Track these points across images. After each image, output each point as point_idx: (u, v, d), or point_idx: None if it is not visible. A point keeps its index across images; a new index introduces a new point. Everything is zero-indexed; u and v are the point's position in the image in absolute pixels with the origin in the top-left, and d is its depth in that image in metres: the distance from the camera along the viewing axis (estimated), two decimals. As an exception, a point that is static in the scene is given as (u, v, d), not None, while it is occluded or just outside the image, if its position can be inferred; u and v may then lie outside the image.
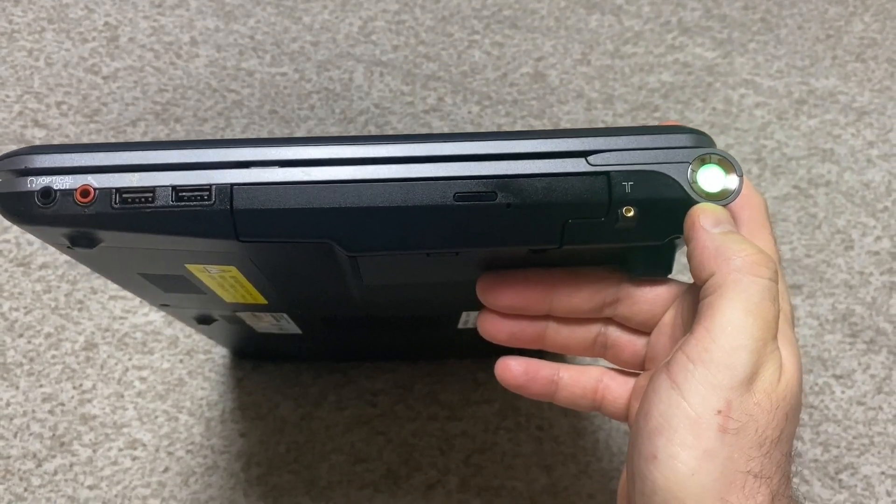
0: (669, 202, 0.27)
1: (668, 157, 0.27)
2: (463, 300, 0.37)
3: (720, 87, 0.68)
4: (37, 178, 0.25)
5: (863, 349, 0.54)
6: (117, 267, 0.32)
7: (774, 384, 0.26)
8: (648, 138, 0.27)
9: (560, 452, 0.50)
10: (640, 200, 0.26)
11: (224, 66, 0.66)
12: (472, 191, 0.26)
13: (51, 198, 0.25)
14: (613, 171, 0.27)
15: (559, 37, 0.71)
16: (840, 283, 0.57)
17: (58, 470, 0.48)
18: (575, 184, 0.27)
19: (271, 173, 0.26)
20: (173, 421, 0.50)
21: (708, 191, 0.27)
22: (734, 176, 0.27)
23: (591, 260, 0.32)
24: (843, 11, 0.73)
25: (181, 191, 0.26)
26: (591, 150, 0.27)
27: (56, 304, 0.53)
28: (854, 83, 0.68)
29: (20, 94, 0.63)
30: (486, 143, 0.27)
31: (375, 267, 0.30)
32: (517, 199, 0.26)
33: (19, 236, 0.56)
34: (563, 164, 0.27)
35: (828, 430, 0.51)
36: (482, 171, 0.27)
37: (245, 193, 0.26)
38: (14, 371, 0.51)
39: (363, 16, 0.71)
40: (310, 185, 0.26)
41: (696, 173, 0.27)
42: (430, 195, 0.26)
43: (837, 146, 0.64)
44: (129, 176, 0.26)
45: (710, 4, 0.74)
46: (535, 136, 0.27)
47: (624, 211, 0.26)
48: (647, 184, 0.26)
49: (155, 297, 0.37)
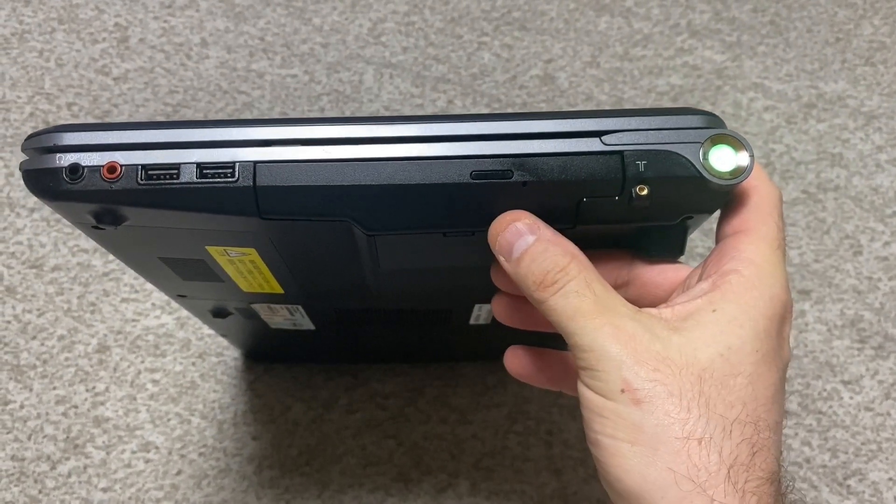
0: (682, 181, 0.27)
1: (681, 137, 0.27)
2: (476, 290, 0.37)
3: (729, 90, 0.68)
4: (65, 155, 0.26)
5: (871, 355, 0.54)
6: (139, 250, 0.32)
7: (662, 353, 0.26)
8: (661, 119, 0.28)
9: (570, 456, 0.50)
10: (653, 179, 0.27)
11: (234, 67, 0.67)
12: (489, 169, 0.27)
13: (78, 174, 0.26)
14: (627, 151, 0.27)
15: (568, 39, 0.71)
16: (848, 289, 0.57)
17: (72, 472, 0.48)
18: (589, 162, 0.27)
19: (293, 151, 0.27)
20: (186, 423, 0.50)
21: (720, 170, 0.27)
22: (745, 153, 0.27)
23: (605, 244, 0.32)
24: (852, 15, 0.73)
25: (205, 167, 0.26)
26: (605, 130, 0.27)
27: (69, 307, 0.54)
28: (863, 87, 0.68)
29: (31, 95, 0.63)
30: (503, 122, 0.27)
31: (392, 249, 0.30)
32: (533, 177, 0.27)
33: (31, 238, 0.56)
34: (578, 143, 0.27)
35: (836, 435, 0.51)
36: (499, 150, 0.27)
37: (268, 170, 0.27)
38: (28, 373, 0.51)
39: (373, 17, 0.71)
40: (330, 163, 0.27)
41: (707, 153, 0.27)
42: (448, 173, 0.27)
43: (846, 151, 0.64)
44: (154, 153, 0.27)
45: (719, 7, 0.74)
46: (551, 117, 0.28)
47: (638, 189, 0.27)
48: (661, 163, 0.27)
49: (173, 286, 0.37)
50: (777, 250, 0.29)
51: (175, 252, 0.32)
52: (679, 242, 0.31)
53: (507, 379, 0.52)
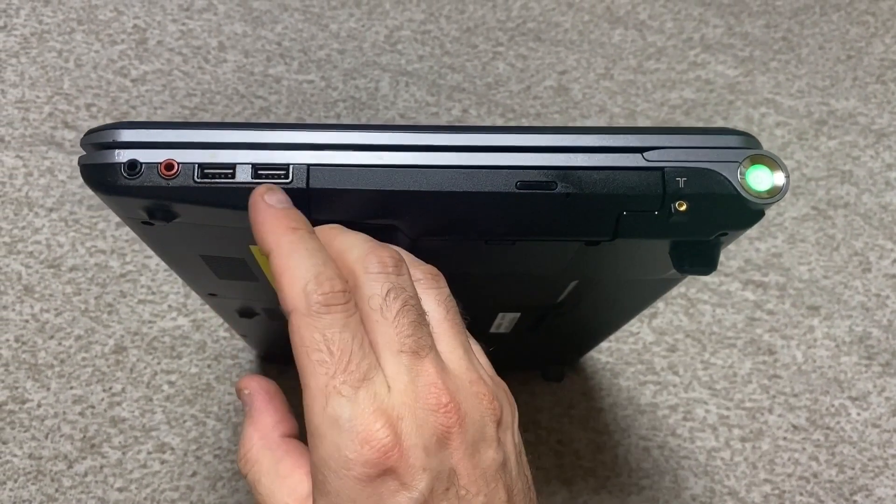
0: (720, 198, 0.28)
1: (720, 156, 0.28)
2: (504, 298, 0.37)
3: (741, 105, 0.68)
4: (123, 151, 0.27)
5: (878, 371, 0.55)
6: (181, 246, 0.33)
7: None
8: (701, 138, 0.29)
9: (580, 466, 0.51)
10: (692, 195, 0.28)
11: (252, 71, 0.67)
12: (534, 180, 0.28)
13: (136, 170, 0.27)
14: (668, 167, 0.28)
15: (582, 51, 0.71)
16: (857, 306, 0.58)
17: (88, 471, 0.49)
18: (631, 177, 0.28)
19: (346, 156, 0.28)
20: (201, 426, 0.51)
21: (757, 189, 0.28)
22: (781, 173, 0.28)
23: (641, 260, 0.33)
24: (864, 32, 0.74)
25: (260, 168, 0.27)
26: (647, 146, 0.28)
27: (86, 307, 0.54)
28: (874, 105, 0.69)
29: (50, 95, 0.64)
30: (548, 136, 0.28)
31: (433, 255, 0.31)
32: (576, 189, 0.28)
33: (50, 238, 0.56)
34: (621, 158, 0.28)
35: (843, 451, 0.52)
36: (544, 162, 0.28)
37: (321, 173, 0.27)
38: (45, 372, 0.52)
39: (389, 25, 0.72)
40: (381, 169, 0.28)
41: (746, 172, 0.28)
42: (494, 182, 0.28)
43: (856, 168, 0.65)
44: (210, 152, 0.27)
45: (732, 22, 0.74)
46: (594, 132, 0.29)
47: (677, 205, 0.28)
48: (700, 180, 0.28)
49: (206, 284, 0.38)
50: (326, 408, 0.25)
51: (218, 250, 0.33)
52: (712, 258, 0.32)
53: (518, 388, 0.53)
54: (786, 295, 0.58)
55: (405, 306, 0.26)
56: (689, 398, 0.54)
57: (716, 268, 0.32)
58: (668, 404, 0.53)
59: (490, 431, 0.26)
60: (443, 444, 0.25)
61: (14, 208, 0.58)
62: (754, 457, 0.52)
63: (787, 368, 0.55)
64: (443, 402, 0.25)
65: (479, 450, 0.26)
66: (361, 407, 0.24)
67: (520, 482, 0.27)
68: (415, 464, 0.24)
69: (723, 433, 0.53)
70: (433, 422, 0.25)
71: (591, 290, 0.39)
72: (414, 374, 0.25)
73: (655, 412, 0.53)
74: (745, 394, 0.54)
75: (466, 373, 0.27)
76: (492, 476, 0.26)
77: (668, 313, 0.57)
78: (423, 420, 0.25)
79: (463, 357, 0.27)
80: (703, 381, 0.54)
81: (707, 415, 0.53)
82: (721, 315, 0.57)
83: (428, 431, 0.25)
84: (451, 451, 0.25)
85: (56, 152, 0.60)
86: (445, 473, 0.25)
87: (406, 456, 0.24)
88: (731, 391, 0.54)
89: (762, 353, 0.55)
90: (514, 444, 0.28)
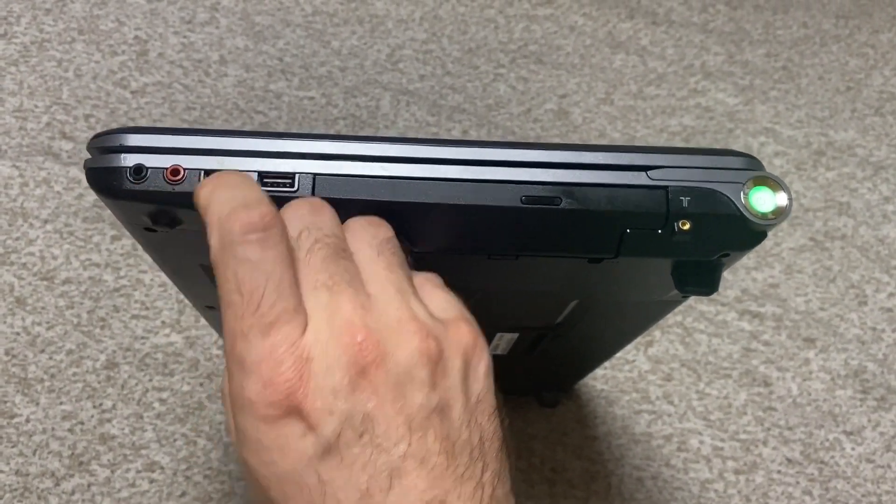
0: (723, 218, 0.28)
1: (723, 177, 0.28)
2: (503, 317, 0.37)
3: (741, 133, 0.68)
4: (129, 156, 0.27)
5: (873, 406, 0.55)
6: (182, 255, 0.33)
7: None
8: (704, 158, 0.29)
9: (573, 496, 0.50)
10: (695, 215, 0.28)
11: (252, 86, 0.67)
12: (539, 195, 0.28)
13: (142, 174, 0.27)
14: (672, 186, 0.28)
15: (583, 75, 0.72)
16: (853, 339, 0.58)
17: (76, 489, 0.48)
18: (636, 195, 0.28)
19: (351, 166, 0.28)
20: (192, 445, 0.50)
21: (760, 210, 0.28)
22: (783, 194, 0.28)
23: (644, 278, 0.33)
24: (863, 64, 0.75)
25: (266, 176, 0.27)
26: (651, 165, 0.29)
27: (78, 321, 0.54)
28: (872, 137, 0.69)
29: (49, 105, 0.63)
30: (554, 152, 0.29)
31: (436, 269, 0.31)
32: (581, 205, 0.28)
33: (44, 250, 0.56)
34: (625, 176, 0.28)
35: (837, 486, 0.51)
36: (549, 178, 0.28)
37: (326, 183, 0.28)
38: (35, 387, 0.51)
39: (391, 43, 0.71)
40: (386, 180, 0.28)
41: (749, 193, 0.28)
42: (499, 196, 0.28)
43: (854, 200, 0.65)
44: (216, 159, 0.27)
45: (732, 50, 0.75)
46: (599, 149, 0.29)
47: (680, 224, 0.28)
48: (703, 200, 0.28)
49: (204, 295, 0.38)
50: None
51: None
52: (713, 278, 0.32)
53: (512, 414, 0.52)
54: (782, 326, 0.58)
55: (317, 243, 0.25)
56: (683, 428, 0.53)
57: (717, 289, 0.32)
58: (662, 434, 0.53)
59: (420, 374, 0.24)
60: (356, 385, 0.23)
61: (8, 219, 0.57)
62: (748, 490, 0.51)
63: (782, 401, 0.55)
64: (357, 340, 0.24)
65: (403, 393, 0.24)
66: (268, 350, 0.23)
67: (468, 433, 0.25)
68: (321, 406, 0.23)
69: (717, 465, 0.52)
70: (345, 361, 0.23)
71: (591, 312, 0.39)
72: (331, 312, 0.24)
73: (650, 441, 0.53)
74: (739, 425, 0.54)
75: (396, 311, 0.25)
76: (419, 423, 0.24)
77: (665, 342, 0.56)
78: (335, 359, 0.23)
79: (395, 296, 0.25)
80: (698, 412, 0.54)
81: (701, 446, 0.53)
82: (717, 345, 0.57)
83: (339, 372, 0.23)
84: (367, 393, 0.23)
85: (53, 163, 0.60)
86: (358, 418, 0.23)
87: (312, 398, 0.23)
88: (725, 422, 0.54)
89: (757, 385, 0.55)
90: (464, 392, 0.25)
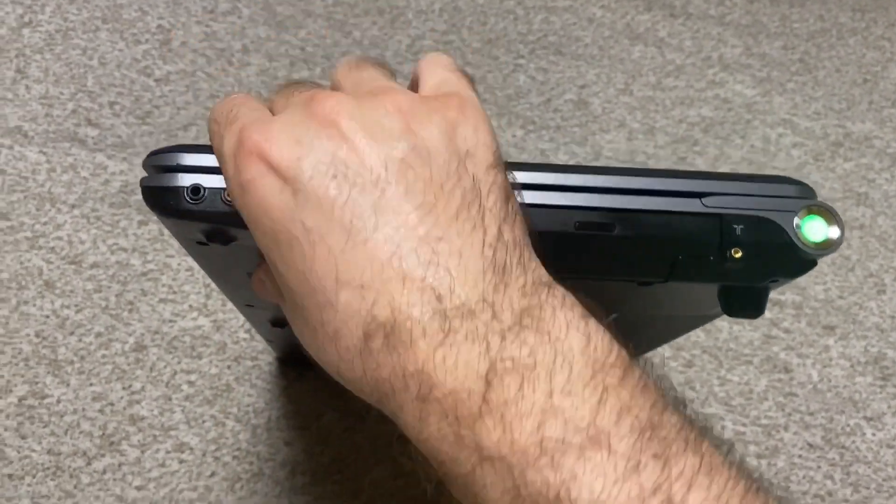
0: (775, 247, 0.28)
1: (777, 205, 0.28)
2: None
3: (759, 124, 0.69)
4: (186, 175, 0.27)
5: (893, 392, 0.55)
6: (230, 264, 0.33)
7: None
8: (758, 186, 0.29)
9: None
10: (748, 243, 0.28)
11: (275, 76, 0.67)
12: (593, 221, 0.28)
13: (200, 194, 0.27)
14: (726, 214, 0.28)
15: (602, 66, 0.72)
16: (872, 326, 0.58)
17: (107, 469, 0.49)
18: (689, 222, 0.28)
19: None
20: (220, 426, 0.51)
21: (812, 240, 0.28)
22: (836, 227, 0.28)
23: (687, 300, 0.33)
24: (880, 57, 0.75)
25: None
26: (705, 192, 0.28)
27: (107, 304, 0.54)
28: (889, 129, 0.70)
29: (74, 92, 0.64)
30: (608, 177, 0.28)
31: None
32: (634, 231, 0.28)
33: (72, 234, 0.56)
34: (679, 202, 0.28)
35: (858, 470, 0.52)
36: (603, 204, 0.28)
37: None
38: (65, 368, 0.52)
39: (412, 34, 0.72)
40: None
41: (801, 222, 0.28)
42: (552, 221, 0.28)
43: (872, 190, 0.65)
44: None
45: (750, 42, 0.75)
46: (654, 174, 0.29)
47: (732, 251, 0.28)
48: (757, 228, 0.28)
49: (245, 296, 0.38)
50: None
51: None
52: (761, 303, 0.31)
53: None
54: (802, 314, 0.58)
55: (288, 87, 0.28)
56: (705, 414, 0.54)
57: (763, 312, 0.32)
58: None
59: (391, 123, 0.25)
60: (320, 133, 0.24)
61: (36, 203, 0.58)
62: (770, 474, 0.52)
63: (802, 387, 0.55)
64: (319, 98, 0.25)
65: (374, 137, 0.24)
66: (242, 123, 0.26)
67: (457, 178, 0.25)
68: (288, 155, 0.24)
69: (739, 449, 0.53)
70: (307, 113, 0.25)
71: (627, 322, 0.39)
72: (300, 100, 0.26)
73: (672, 426, 0.53)
74: (760, 411, 0.54)
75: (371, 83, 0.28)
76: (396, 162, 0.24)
77: (686, 328, 0.57)
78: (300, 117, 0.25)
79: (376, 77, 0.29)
80: (720, 398, 0.55)
81: (723, 431, 0.53)
82: (738, 332, 0.57)
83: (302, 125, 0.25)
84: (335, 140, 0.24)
85: (79, 149, 0.61)
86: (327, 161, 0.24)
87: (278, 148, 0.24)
88: (747, 408, 0.54)
89: (778, 371, 0.56)
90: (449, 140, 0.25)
